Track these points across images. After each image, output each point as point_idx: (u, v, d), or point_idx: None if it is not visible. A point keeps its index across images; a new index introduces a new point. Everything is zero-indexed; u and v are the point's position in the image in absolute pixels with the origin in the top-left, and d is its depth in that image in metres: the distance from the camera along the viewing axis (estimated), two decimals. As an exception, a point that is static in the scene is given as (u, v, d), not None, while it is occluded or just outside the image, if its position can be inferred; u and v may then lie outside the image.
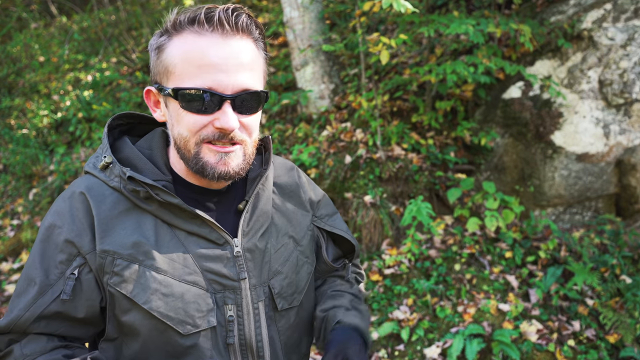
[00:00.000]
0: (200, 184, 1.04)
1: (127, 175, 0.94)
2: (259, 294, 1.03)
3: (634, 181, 3.63)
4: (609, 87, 3.64)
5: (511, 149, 3.94)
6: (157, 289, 0.94)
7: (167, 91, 0.94)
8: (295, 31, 4.45)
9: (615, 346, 2.96)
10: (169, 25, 0.95)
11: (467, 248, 3.55)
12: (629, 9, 3.68)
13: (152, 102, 1.03)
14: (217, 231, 1.00)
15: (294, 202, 1.16)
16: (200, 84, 0.90)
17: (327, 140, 4.20)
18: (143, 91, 1.00)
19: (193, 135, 0.94)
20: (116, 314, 0.95)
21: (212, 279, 0.99)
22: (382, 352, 3.12)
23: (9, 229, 4.84)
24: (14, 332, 0.95)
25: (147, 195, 0.96)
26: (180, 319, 0.95)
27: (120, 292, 0.94)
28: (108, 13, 7.74)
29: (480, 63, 3.42)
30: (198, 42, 0.91)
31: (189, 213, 0.97)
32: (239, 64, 0.92)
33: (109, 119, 1.07)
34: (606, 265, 3.28)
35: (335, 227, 1.23)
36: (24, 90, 6.68)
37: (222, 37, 0.91)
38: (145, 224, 0.97)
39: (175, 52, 0.93)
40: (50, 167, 5.26)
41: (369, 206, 3.73)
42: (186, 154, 0.97)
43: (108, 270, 0.94)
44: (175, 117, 0.96)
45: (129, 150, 1.02)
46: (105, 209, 0.96)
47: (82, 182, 1.00)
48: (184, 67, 0.92)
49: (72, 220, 0.95)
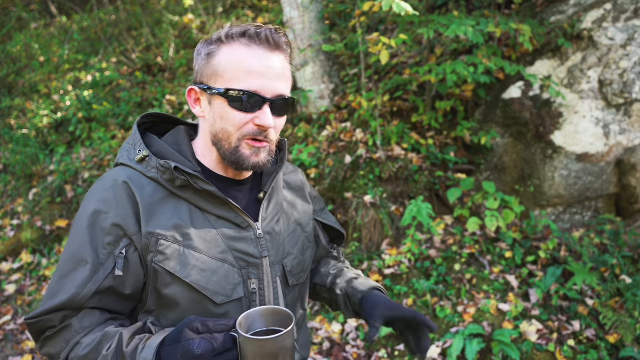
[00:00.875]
0: (226, 175, 1.20)
1: (171, 166, 1.08)
2: (276, 271, 1.20)
3: (634, 181, 3.63)
4: (609, 87, 3.64)
5: (511, 149, 3.94)
6: (196, 265, 1.09)
7: (216, 91, 1.09)
8: (295, 31, 4.45)
9: (615, 346, 2.96)
10: (222, 36, 1.10)
11: (467, 248, 3.55)
12: (629, 9, 3.68)
13: (193, 100, 1.17)
14: (242, 216, 1.16)
15: (299, 196, 1.35)
16: (248, 87, 1.07)
17: (327, 140, 4.20)
18: (186, 90, 1.17)
19: (237, 130, 1.10)
20: (158, 287, 1.09)
21: (238, 257, 1.15)
22: (382, 352, 3.12)
23: (9, 229, 4.83)
24: (71, 308, 1.07)
25: (183, 184, 1.10)
26: (215, 291, 1.11)
27: (164, 268, 1.08)
28: (108, 13, 7.74)
29: (480, 63, 3.42)
30: (247, 52, 1.08)
31: (220, 200, 1.12)
32: (278, 74, 1.10)
33: (138, 117, 1.23)
34: (606, 265, 3.28)
35: (328, 220, 1.44)
36: (24, 90, 6.68)
37: (267, 50, 1.09)
38: (181, 209, 1.11)
39: (225, 59, 1.09)
40: (50, 167, 5.26)
41: (369, 206, 3.73)
42: (226, 146, 1.12)
43: (153, 249, 1.08)
44: (221, 114, 1.10)
45: (160, 145, 1.17)
46: (147, 196, 1.10)
47: (121, 172, 1.13)
48: (234, 71, 1.07)
49: (117, 206, 1.08)
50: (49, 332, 1.08)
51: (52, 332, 1.08)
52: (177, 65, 6.24)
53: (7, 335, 3.78)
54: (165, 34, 6.79)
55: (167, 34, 6.75)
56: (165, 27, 6.86)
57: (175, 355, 0.95)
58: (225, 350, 0.95)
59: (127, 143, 1.18)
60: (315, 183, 3.99)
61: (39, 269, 4.44)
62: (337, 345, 3.23)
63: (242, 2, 7.32)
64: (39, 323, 1.07)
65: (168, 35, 6.71)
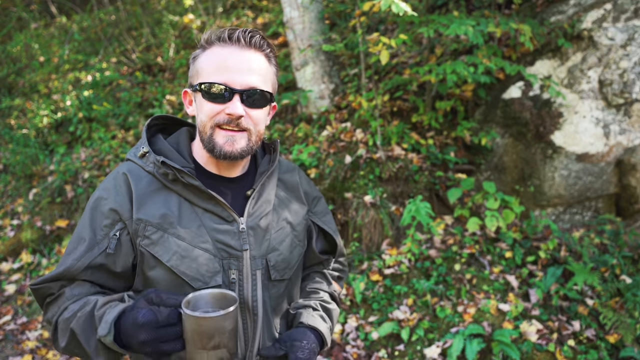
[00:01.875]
0: (218, 172, 1.30)
1: (160, 160, 1.20)
2: (257, 264, 1.27)
3: (634, 181, 3.63)
4: (609, 87, 3.64)
5: (511, 149, 3.94)
6: (177, 252, 1.19)
7: (196, 87, 1.22)
8: (295, 31, 4.45)
9: (615, 346, 2.96)
10: (203, 42, 1.23)
11: (467, 248, 3.55)
12: (629, 9, 3.68)
13: (187, 101, 1.31)
14: (227, 210, 1.25)
15: (293, 196, 1.42)
16: (218, 79, 1.18)
17: (327, 140, 4.20)
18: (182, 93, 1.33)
19: (209, 120, 1.20)
20: (144, 269, 1.21)
21: (220, 248, 1.23)
22: (382, 352, 3.12)
23: (9, 229, 4.83)
24: (65, 278, 1.20)
25: (174, 178, 1.21)
26: (193, 276, 1.20)
27: (149, 252, 1.19)
28: (108, 13, 7.74)
29: (480, 63, 3.42)
30: (221, 52, 1.20)
31: (206, 194, 1.22)
32: (249, 69, 1.20)
33: (149, 119, 1.36)
34: (606, 265, 3.28)
35: (326, 225, 1.49)
36: (24, 90, 6.68)
37: (238, 48, 1.20)
38: (171, 200, 1.23)
39: (204, 60, 1.22)
40: (50, 167, 5.25)
41: (369, 206, 3.73)
42: (203, 136, 1.23)
43: (141, 234, 1.19)
44: (199, 107, 1.23)
45: (161, 143, 1.30)
46: (142, 187, 1.22)
47: (124, 165, 1.28)
48: (209, 69, 1.20)
49: (116, 193, 1.22)
50: (49, 299, 1.22)
51: (51, 298, 1.22)
52: (177, 65, 6.24)
53: (7, 335, 3.78)
54: (165, 34, 6.79)
55: (167, 34, 6.75)
56: (165, 27, 6.86)
57: (127, 320, 1.03)
58: (169, 325, 1.01)
59: (139, 141, 1.33)
60: (315, 183, 4.00)
61: (39, 269, 4.44)
62: (337, 345, 3.23)
63: (242, 2, 7.32)
64: (41, 289, 1.21)
65: (168, 35, 6.71)
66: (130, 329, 1.02)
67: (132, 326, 1.01)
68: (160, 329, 1.00)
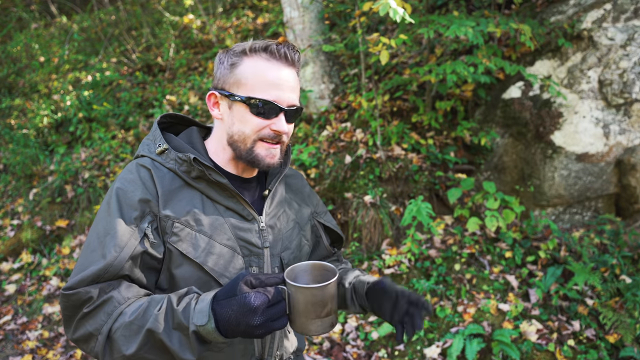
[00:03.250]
0: (235, 173, 1.32)
1: (192, 157, 1.20)
2: (275, 262, 1.31)
3: (633, 181, 3.63)
4: (608, 87, 3.64)
5: (511, 149, 3.94)
6: (205, 248, 1.20)
7: (238, 98, 1.22)
8: (295, 31, 4.45)
9: (615, 346, 2.96)
10: (246, 48, 1.23)
11: (467, 248, 3.55)
12: (629, 9, 3.68)
13: (212, 103, 1.29)
14: (248, 209, 1.28)
15: (299, 198, 1.47)
16: (267, 96, 1.20)
17: (327, 140, 4.20)
18: (206, 95, 1.31)
19: (254, 133, 1.23)
20: (170, 267, 1.19)
21: (243, 245, 1.26)
22: (382, 352, 3.12)
23: (9, 229, 4.84)
24: (109, 274, 1.10)
25: (198, 175, 1.22)
26: (221, 272, 1.21)
27: (177, 249, 1.18)
28: (108, 13, 7.74)
29: (480, 63, 3.42)
30: (269, 66, 1.21)
31: (230, 192, 1.25)
32: (291, 87, 1.24)
33: (158, 116, 1.36)
34: (606, 265, 3.28)
35: (329, 222, 1.55)
36: (24, 90, 6.68)
37: (283, 65, 1.23)
38: (195, 198, 1.23)
39: (248, 70, 1.22)
40: (51, 167, 5.26)
41: (369, 206, 3.73)
42: (241, 146, 1.25)
43: (168, 231, 1.18)
44: (240, 118, 1.23)
45: (177, 141, 1.30)
46: (166, 183, 1.22)
47: (143, 161, 1.24)
48: (256, 82, 1.21)
49: (143, 185, 1.19)
50: (87, 308, 1.08)
51: (91, 306, 1.08)
52: (177, 65, 6.24)
53: (7, 335, 3.78)
54: (166, 34, 6.79)
55: (167, 34, 6.76)
56: (165, 27, 6.86)
57: (231, 307, 1.01)
58: (277, 302, 1.04)
59: (146, 139, 1.31)
60: (315, 183, 4.00)
61: (39, 269, 4.44)
62: (337, 345, 3.23)
63: (242, 2, 7.32)
64: (77, 295, 1.07)
65: (168, 35, 6.71)
66: (240, 314, 1.00)
67: (243, 311, 1.00)
68: (270, 308, 1.02)
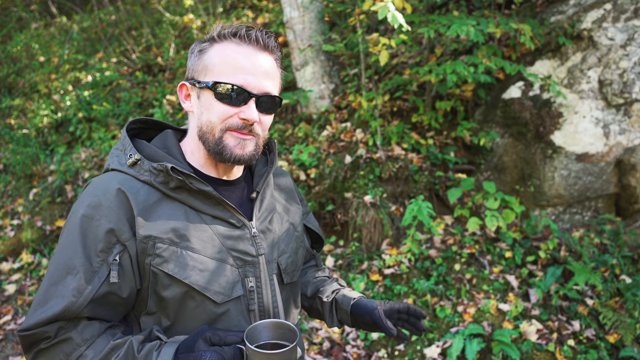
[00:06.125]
0: (217, 175, 1.21)
1: (169, 167, 1.08)
2: (272, 268, 1.22)
3: (633, 181, 3.63)
4: (608, 87, 3.64)
5: (511, 149, 3.94)
6: (195, 266, 1.10)
7: (204, 84, 1.12)
8: (295, 31, 4.45)
9: (615, 346, 2.96)
10: (214, 35, 1.14)
11: (467, 248, 3.55)
12: (629, 9, 3.68)
13: (184, 95, 1.20)
14: (237, 215, 1.17)
15: (290, 197, 1.38)
16: (235, 81, 1.10)
17: (327, 140, 4.20)
18: (177, 86, 1.24)
19: (220, 122, 1.12)
20: (157, 290, 1.09)
21: (235, 256, 1.16)
22: (382, 352, 3.12)
23: (9, 229, 4.84)
24: (67, 318, 1.04)
25: (178, 185, 1.11)
26: (215, 290, 1.12)
27: (162, 270, 1.08)
28: (108, 13, 7.74)
29: (480, 63, 3.42)
30: (237, 50, 1.12)
31: (214, 199, 1.14)
32: (265, 73, 1.13)
33: (127, 123, 1.23)
34: (606, 265, 3.28)
35: (312, 224, 1.47)
36: (24, 90, 6.68)
37: (255, 49, 1.13)
38: (176, 211, 1.12)
39: (216, 55, 1.13)
40: (51, 167, 5.26)
41: (369, 206, 3.73)
42: (210, 137, 1.13)
43: (150, 252, 1.08)
44: (207, 106, 1.13)
45: (150, 149, 1.18)
46: (142, 199, 1.09)
47: (112, 177, 1.12)
48: (222, 67, 1.11)
49: (109, 212, 1.07)
50: (44, 344, 1.04)
51: (48, 344, 1.04)
52: (177, 65, 6.24)
53: (7, 335, 3.78)
54: (165, 34, 6.79)
55: (167, 34, 6.75)
56: (165, 27, 6.86)
57: None
58: None
59: (115, 149, 1.18)
60: (315, 183, 4.00)
61: (39, 269, 4.44)
62: (337, 345, 3.23)
63: (242, 2, 7.32)
64: (33, 335, 1.04)
65: (168, 35, 6.71)
66: None
67: None
68: None
